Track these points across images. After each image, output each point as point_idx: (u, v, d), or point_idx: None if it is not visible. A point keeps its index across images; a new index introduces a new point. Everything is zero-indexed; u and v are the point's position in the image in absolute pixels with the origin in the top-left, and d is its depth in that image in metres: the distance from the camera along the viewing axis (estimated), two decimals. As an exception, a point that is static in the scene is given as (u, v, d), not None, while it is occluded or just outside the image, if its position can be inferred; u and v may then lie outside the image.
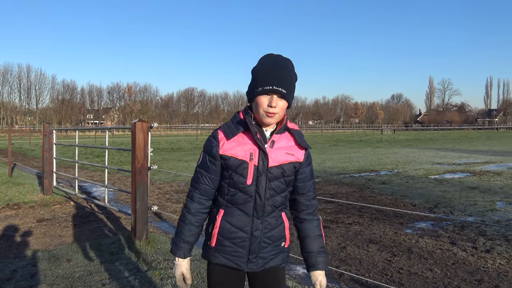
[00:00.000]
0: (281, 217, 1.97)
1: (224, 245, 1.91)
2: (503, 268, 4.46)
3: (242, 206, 1.89)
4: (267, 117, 1.83)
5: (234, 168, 1.87)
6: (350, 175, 12.33)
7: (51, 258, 4.65)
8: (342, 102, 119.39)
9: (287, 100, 1.84)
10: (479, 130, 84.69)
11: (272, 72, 1.82)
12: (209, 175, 1.93)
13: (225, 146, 1.88)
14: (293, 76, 1.89)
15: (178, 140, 39.44)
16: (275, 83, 1.80)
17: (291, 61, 1.92)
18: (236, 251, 1.90)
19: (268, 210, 1.91)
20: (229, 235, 1.90)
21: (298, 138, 1.94)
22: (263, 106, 1.82)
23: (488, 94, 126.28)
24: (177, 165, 15.57)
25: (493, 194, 8.80)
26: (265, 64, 1.87)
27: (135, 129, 5.31)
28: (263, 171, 1.86)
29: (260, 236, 1.90)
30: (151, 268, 4.30)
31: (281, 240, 1.97)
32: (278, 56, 1.90)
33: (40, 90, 79.81)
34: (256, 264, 1.92)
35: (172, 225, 6.51)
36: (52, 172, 8.68)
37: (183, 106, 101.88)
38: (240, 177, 1.87)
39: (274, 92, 1.80)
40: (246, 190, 1.88)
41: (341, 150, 24.58)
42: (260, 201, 1.88)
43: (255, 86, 1.84)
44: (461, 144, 31.21)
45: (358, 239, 5.60)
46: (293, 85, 1.88)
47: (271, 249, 1.94)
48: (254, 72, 1.88)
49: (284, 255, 2.00)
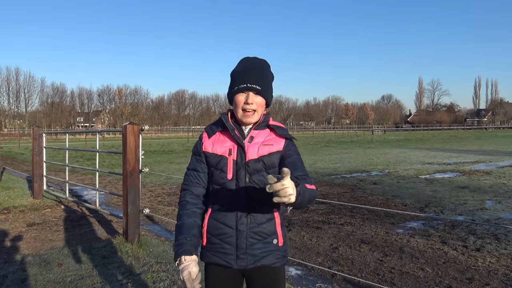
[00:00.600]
0: (271, 213, 1.95)
1: (212, 243, 1.93)
2: (493, 266, 4.51)
3: (225, 201, 1.92)
4: (245, 116, 1.92)
5: (215, 164, 1.94)
6: (341, 175, 12.39)
7: (42, 263, 4.61)
8: (333, 103, 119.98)
9: (263, 97, 1.94)
10: (468, 130, 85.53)
11: (247, 71, 1.93)
12: (198, 173, 2.00)
13: (206, 144, 2.00)
14: (269, 75, 2.00)
15: (170, 142, 39.31)
16: (250, 80, 1.90)
17: (266, 61, 2.04)
18: (224, 248, 1.91)
19: (252, 205, 1.90)
20: (216, 231, 1.92)
21: (279, 131, 1.97)
22: (241, 104, 1.91)
23: (477, 94, 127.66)
24: (169, 167, 15.52)
25: (483, 193, 8.89)
26: (241, 65, 1.99)
27: (126, 132, 5.29)
28: (241, 164, 1.90)
29: (245, 231, 1.89)
30: (144, 271, 4.28)
31: (272, 236, 1.93)
32: (253, 58, 2.03)
33: (29, 93, 79.29)
34: (245, 260, 1.89)
35: (164, 227, 6.49)
36: (42, 176, 8.61)
37: (174, 108, 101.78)
38: (221, 173, 1.92)
39: (249, 89, 1.91)
40: (228, 185, 1.91)
41: (332, 151, 24.67)
42: (241, 195, 1.89)
43: (232, 87, 1.96)
44: (451, 144, 31.50)
45: (350, 240, 5.62)
46: (268, 83, 1.98)
47: (262, 246, 1.91)
48: (232, 74, 2.00)
49: (278, 254, 1.95)
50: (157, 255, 4.86)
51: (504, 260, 4.70)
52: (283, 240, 1.98)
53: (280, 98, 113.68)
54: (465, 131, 78.32)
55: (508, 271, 4.34)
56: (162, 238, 5.79)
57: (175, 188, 10.30)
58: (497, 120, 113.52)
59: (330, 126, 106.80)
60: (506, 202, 7.87)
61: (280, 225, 1.97)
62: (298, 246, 5.37)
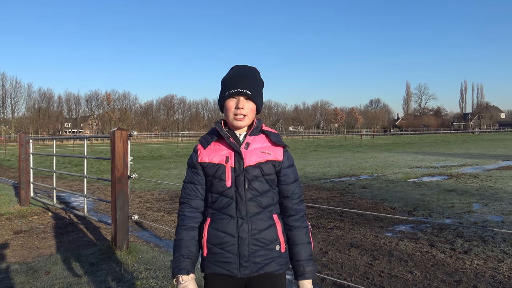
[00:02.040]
0: (272, 219, 1.94)
1: (214, 253, 1.90)
2: (480, 268, 4.57)
3: (225, 209, 1.91)
4: (236, 120, 1.94)
5: (213, 173, 1.94)
6: (330, 180, 12.44)
7: (29, 271, 4.54)
8: (322, 108, 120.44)
9: (254, 102, 1.96)
10: (455, 133, 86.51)
11: (237, 77, 1.96)
12: (195, 185, 1.99)
13: (202, 155, 1.99)
14: (259, 81, 2.03)
15: (159, 148, 39.11)
16: (240, 86, 1.93)
17: (256, 69, 2.08)
18: (226, 257, 1.88)
19: (252, 211, 1.90)
20: (217, 240, 1.90)
21: (274, 138, 1.98)
22: (232, 109, 1.94)
23: (463, 98, 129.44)
24: (158, 173, 15.43)
25: (470, 196, 9.00)
26: (231, 72, 2.03)
27: (114, 137, 5.26)
28: (240, 171, 1.90)
29: (247, 238, 1.87)
30: (133, 278, 4.25)
31: (275, 243, 1.92)
32: (243, 66, 2.07)
33: (16, 99, 78.21)
34: (249, 268, 1.87)
35: (153, 234, 6.45)
36: (29, 182, 8.50)
37: (163, 113, 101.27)
38: (220, 181, 1.92)
39: (239, 94, 1.93)
40: (227, 192, 1.91)
41: (321, 155, 24.77)
42: (242, 201, 1.89)
43: (223, 93, 1.98)
44: (438, 147, 31.84)
45: (340, 244, 5.65)
46: (258, 89, 2.01)
47: (265, 253, 1.90)
48: (222, 81, 2.02)
49: (281, 261, 1.94)
50: (146, 261, 4.82)
51: (491, 262, 4.75)
52: (285, 246, 1.97)
53: (269, 103, 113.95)
54: (452, 134, 79.19)
55: (495, 273, 4.40)
56: (152, 245, 5.76)
57: (164, 194, 10.25)
58: (483, 124, 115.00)
59: (319, 130, 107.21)
60: (492, 205, 7.98)
61: (282, 231, 1.97)
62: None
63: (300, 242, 1.98)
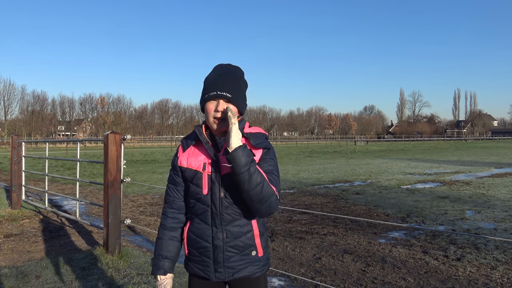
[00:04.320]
0: (249, 225, 1.90)
1: (193, 255, 1.94)
2: (473, 275, 4.57)
3: (201, 216, 1.90)
4: (216, 124, 1.86)
5: (191, 179, 1.92)
6: (324, 186, 12.44)
7: (19, 275, 4.49)
8: (316, 114, 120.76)
9: (234, 105, 1.87)
10: (449, 140, 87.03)
11: (218, 79, 1.87)
12: (176, 187, 2.00)
13: (181, 158, 1.97)
14: (240, 82, 1.92)
15: (152, 152, 38.98)
16: (219, 88, 1.84)
17: (240, 68, 1.98)
18: (203, 261, 1.91)
19: (227, 219, 1.86)
20: (194, 244, 1.93)
21: (253, 141, 1.86)
22: (211, 112, 1.85)
23: (456, 105, 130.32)
24: (151, 177, 15.36)
25: (463, 203, 9.03)
26: (213, 72, 1.94)
27: (107, 141, 5.23)
28: (216, 179, 1.85)
29: (222, 246, 1.86)
30: (124, 283, 4.21)
31: (250, 249, 1.89)
32: (226, 65, 1.97)
33: (9, 101, 77.59)
34: (223, 273, 1.88)
35: (146, 238, 6.40)
36: (20, 185, 8.43)
37: (157, 117, 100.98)
38: (197, 188, 1.90)
39: (219, 97, 1.84)
40: (203, 200, 1.88)
41: (315, 161, 24.79)
42: (216, 210, 1.86)
43: (203, 95, 1.91)
44: (432, 154, 31.99)
45: (333, 250, 5.63)
46: (240, 90, 1.90)
47: (239, 258, 1.88)
48: (204, 81, 1.94)
49: (257, 265, 1.92)
50: (138, 266, 4.78)
51: (484, 269, 4.76)
52: (263, 250, 1.94)
53: (264, 108, 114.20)
54: (445, 142, 79.64)
55: (488, 281, 4.40)
56: (144, 249, 5.71)
57: (158, 198, 10.19)
58: (476, 131, 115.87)
59: (314, 136, 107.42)
60: (485, 212, 8.01)
61: (259, 236, 1.92)
62: (281, 256, 5.36)
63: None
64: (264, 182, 1.75)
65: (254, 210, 1.80)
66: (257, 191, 1.73)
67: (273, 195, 1.78)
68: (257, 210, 1.79)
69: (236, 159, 1.69)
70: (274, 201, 1.79)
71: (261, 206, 1.76)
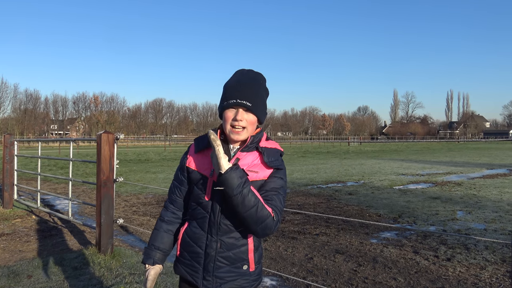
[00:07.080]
0: (245, 239, 1.85)
1: (184, 257, 1.93)
2: (462, 275, 4.63)
3: (199, 221, 1.88)
4: (233, 133, 1.81)
5: (196, 182, 1.90)
6: (317, 186, 12.49)
7: (10, 275, 4.48)
8: (310, 114, 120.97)
9: (254, 114, 1.82)
10: (441, 141, 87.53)
11: (238, 86, 1.81)
12: (180, 187, 2.00)
13: (191, 159, 1.94)
14: (262, 90, 1.87)
15: (146, 151, 38.86)
16: (239, 96, 1.79)
17: (262, 75, 1.91)
18: (193, 266, 1.89)
19: (224, 230, 1.83)
20: (187, 248, 1.91)
21: (266, 157, 1.82)
22: (229, 120, 1.81)
23: (449, 107, 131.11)
24: (144, 176, 15.33)
25: (454, 204, 9.12)
26: (234, 78, 1.88)
27: (100, 140, 5.23)
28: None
29: (214, 255, 1.83)
30: (116, 283, 4.21)
31: (242, 262, 1.85)
32: (248, 71, 1.90)
33: (1, 100, 76.97)
34: (211, 282, 1.84)
35: (138, 238, 6.40)
36: (12, 184, 8.39)
37: (151, 117, 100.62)
38: (200, 192, 1.87)
39: (239, 106, 1.80)
40: (204, 205, 1.86)
41: (309, 161, 24.86)
42: (214, 219, 1.83)
43: (222, 101, 1.85)
44: (424, 155, 32.18)
45: (325, 250, 5.67)
46: (261, 99, 1.85)
47: (230, 270, 1.84)
48: (224, 87, 1.88)
49: (247, 280, 1.87)
50: (130, 266, 4.79)
51: (473, 269, 4.82)
52: (256, 266, 1.90)
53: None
54: (438, 142, 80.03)
55: (477, 281, 4.46)
56: (136, 249, 5.71)
57: (151, 198, 10.18)
58: (469, 133, 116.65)
59: (307, 136, 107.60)
60: (476, 213, 8.09)
61: (253, 250, 1.88)
62: (273, 256, 5.39)
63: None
64: (259, 203, 1.71)
65: (250, 231, 1.80)
66: (252, 213, 1.70)
67: (269, 217, 1.73)
68: (254, 231, 1.78)
69: (229, 180, 1.66)
70: (270, 223, 1.74)
71: (256, 227, 1.74)
